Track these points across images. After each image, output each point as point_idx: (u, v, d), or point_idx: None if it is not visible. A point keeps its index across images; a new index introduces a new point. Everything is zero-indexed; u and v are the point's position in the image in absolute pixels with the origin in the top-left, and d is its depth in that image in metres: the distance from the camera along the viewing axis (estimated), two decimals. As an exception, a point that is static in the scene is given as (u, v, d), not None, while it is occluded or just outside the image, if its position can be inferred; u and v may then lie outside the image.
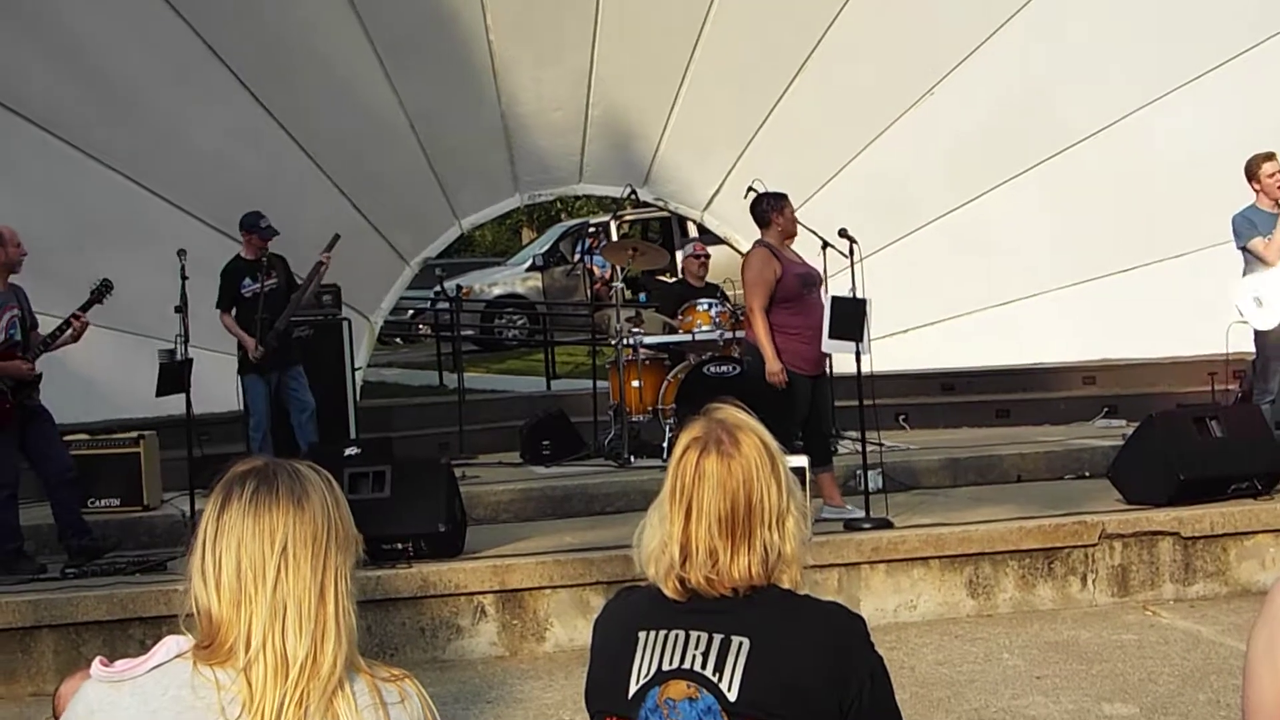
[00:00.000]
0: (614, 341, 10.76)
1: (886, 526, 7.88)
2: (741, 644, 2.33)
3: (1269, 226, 9.13)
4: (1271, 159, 9.26)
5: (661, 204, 14.73)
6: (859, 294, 8.03)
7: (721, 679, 2.31)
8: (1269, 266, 9.10)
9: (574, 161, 13.71)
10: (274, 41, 11.11)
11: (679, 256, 15.43)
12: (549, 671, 6.88)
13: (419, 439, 11.67)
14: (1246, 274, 9.26)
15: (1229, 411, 8.88)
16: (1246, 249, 9.22)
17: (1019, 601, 7.68)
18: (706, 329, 10.68)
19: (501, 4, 11.64)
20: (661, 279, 15.88)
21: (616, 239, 17.81)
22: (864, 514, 8.03)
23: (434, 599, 7.23)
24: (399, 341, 22.71)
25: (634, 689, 2.38)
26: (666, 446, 10.00)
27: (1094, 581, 7.74)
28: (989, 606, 7.65)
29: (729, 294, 11.50)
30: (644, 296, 15.56)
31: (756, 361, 8.31)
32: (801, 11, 11.96)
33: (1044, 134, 12.34)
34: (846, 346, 8.05)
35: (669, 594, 2.40)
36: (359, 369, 12.48)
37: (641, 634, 2.41)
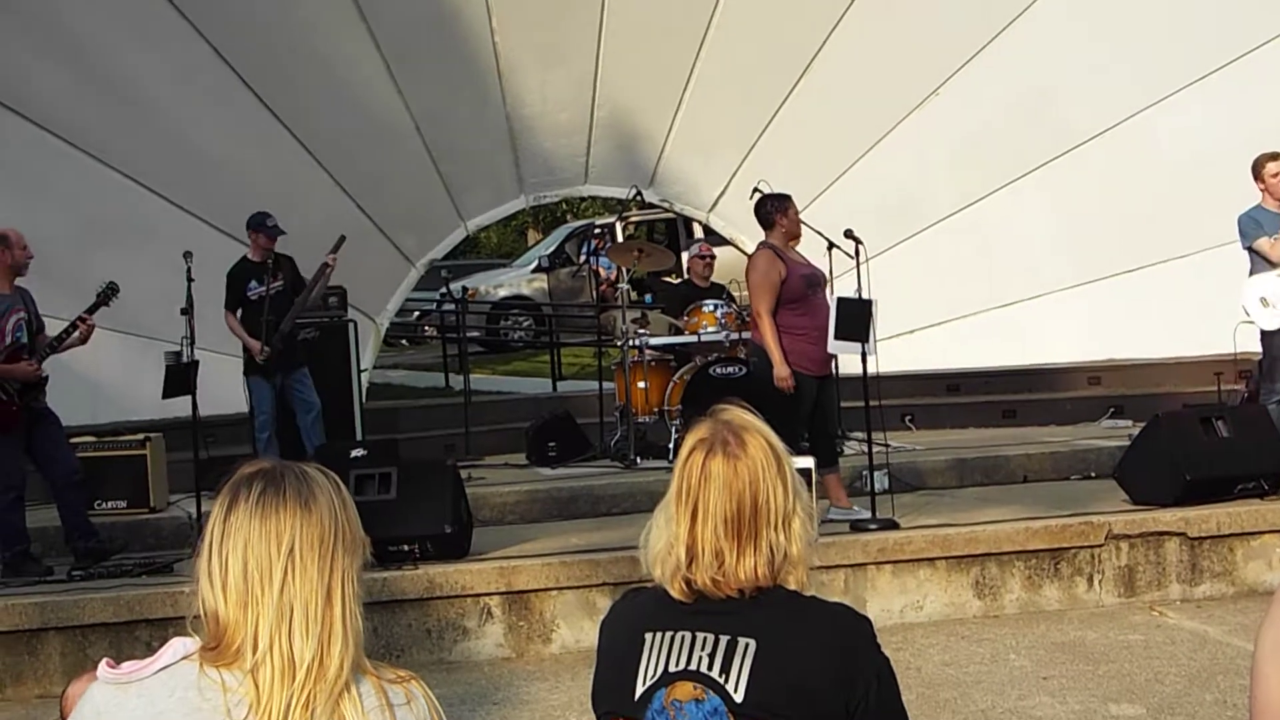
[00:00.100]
0: (620, 343, 10.76)
1: (892, 527, 7.87)
2: (748, 645, 2.33)
3: (1275, 226, 9.11)
4: (1276, 159, 9.23)
5: (667, 205, 14.74)
6: (864, 295, 8.03)
7: (728, 680, 2.31)
8: (1275, 266, 9.08)
9: (579, 163, 13.72)
10: (278, 43, 11.11)
11: (684, 258, 15.44)
12: (555, 673, 6.88)
13: (425, 441, 11.69)
14: (1252, 274, 9.25)
15: (1235, 412, 8.87)
16: (1252, 249, 9.20)
17: (1025, 602, 7.67)
18: (712, 330, 10.67)
19: (506, 6, 11.64)
20: (667, 280, 15.89)
21: (622, 240, 17.85)
22: (870, 515, 8.03)
23: (440, 600, 7.23)
24: (405, 343, 22.74)
25: (640, 690, 2.38)
26: (672, 448, 9.99)
27: (1100, 582, 7.73)
28: (995, 607, 7.64)
29: (734, 295, 11.50)
30: (649, 298, 15.55)
31: (762, 362, 8.30)
32: (806, 13, 11.96)
33: (1048, 135, 12.34)
34: (852, 347, 8.04)
35: (675, 595, 2.40)
36: (365, 370, 12.49)
37: (648, 635, 2.41)
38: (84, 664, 6.35)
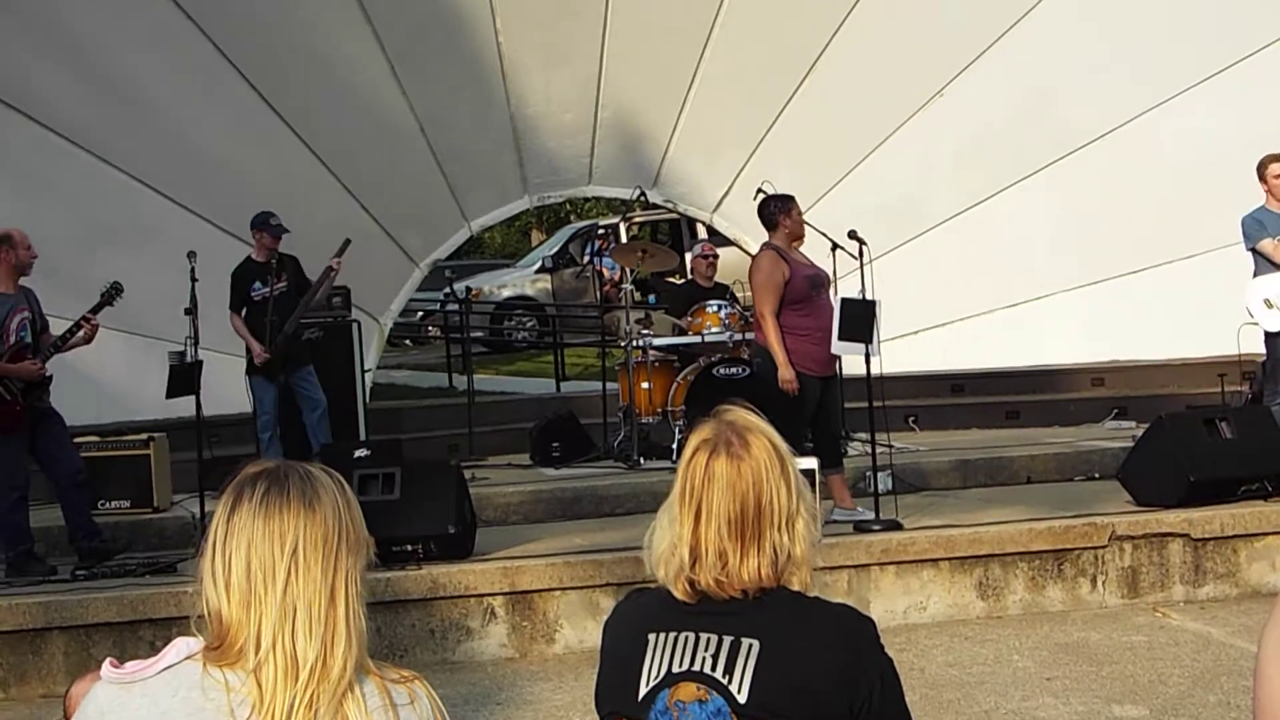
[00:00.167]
0: (623, 343, 10.76)
1: (896, 528, 7.87)
2: (751, 646, 2.33)
3: (1278, 228, 9.11)
4: (1280, 160, 9.24)
5: (671, 206, 14.73)
6: (868, 296, 8.03)
7: (731, 681, 2.31)
8: (1279, 268, 9.08)
9: (583, 163, 13.72)
10: (281, 43, 11.12)
11: (688, 258, 15.44)
12: (559, 673, 6.89)
13: (428, 441, 11.69)
14: (1256, 275, 9.25)
15: (1239, 413, 8.87)
16: (1256, 250, 9.20)
17: (1029, 603, 7.67)
18: (716, 330, 10.67)
19: (511, 6, 11.65)
20: (670, 280, 15.89)
21: (626, 241, 17.86)
22: (874, 515, 8.02)
23: (444, 601, 7.23)
24: (409, 343, 22.74)
25: (644, 691, 2.38)
26: (676, 448, 10.00)
27: (1104, 583, 7.73)
28: (999, 608, 7.64)
29: (738, 295, 11.49)
30: (653, 298, 15.56)
31: (766, 363, 8.30)
32: (811, 13, 11.96)
33: (1052, 136, 12.34)
34: (856, 348, 8.04)
35: (679, 596, 2.40)
36: (368, 371, 12.49)
37: (651, 636, 2.41)
38: (88, 664, 6.36)
